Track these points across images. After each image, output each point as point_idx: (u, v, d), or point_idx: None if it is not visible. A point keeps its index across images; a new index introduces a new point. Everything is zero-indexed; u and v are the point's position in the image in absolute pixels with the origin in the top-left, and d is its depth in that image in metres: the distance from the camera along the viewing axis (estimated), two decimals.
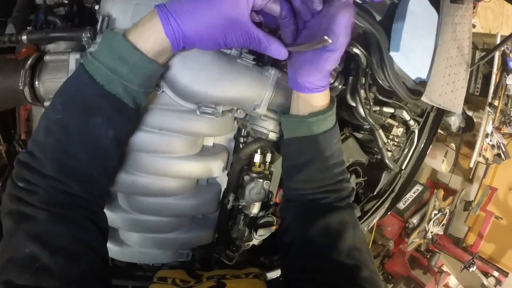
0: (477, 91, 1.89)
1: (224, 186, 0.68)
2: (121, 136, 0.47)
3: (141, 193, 0.59)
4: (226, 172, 0.67)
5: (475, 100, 1.98)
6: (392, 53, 0.60)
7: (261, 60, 0.55)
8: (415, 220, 1.88)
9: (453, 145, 2.21)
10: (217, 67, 0.49)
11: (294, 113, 0.52)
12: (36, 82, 0.52)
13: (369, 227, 1.02)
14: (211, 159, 0.60)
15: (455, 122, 1.88)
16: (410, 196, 1.95)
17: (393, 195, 0.94)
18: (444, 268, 2.26)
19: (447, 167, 2.18)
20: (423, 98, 0.68)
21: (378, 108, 0.70)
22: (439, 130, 2.13)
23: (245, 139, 0.64)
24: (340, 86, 0.60)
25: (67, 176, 0.43)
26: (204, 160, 0.59)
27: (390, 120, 0.75)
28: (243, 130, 0.64)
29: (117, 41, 0.41)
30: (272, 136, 0.58)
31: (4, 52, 0.57)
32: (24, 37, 0.52)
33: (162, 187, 0.58)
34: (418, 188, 2.01)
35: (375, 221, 1.04)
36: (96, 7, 0.52)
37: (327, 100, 0.50)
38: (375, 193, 0.88)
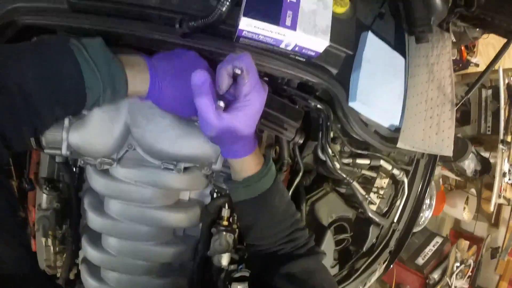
0: (488, 130, 1.79)
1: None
2: None
3: (119, 236, 0.62)
4: (200, 224, 0.67)
5: (488, 140, 1.87)
6: (350, 103, 0.60)
7: None
8: (436, 275, 1.66)
9: (473, 190, 2.04)
10: (176, 129, 0.54)
11: (232, 178, 0.54)
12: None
13: (367, 286, 0.91)
14: (184, 211, 0.63)
15: (469, 166, 1.76)
16: (430, 249, 1.76)
17: (387, 250, 0.86)
18: None
19: (470, 215, 1.97)
20: (399, 145, 0.65)
21: (350, 161, 0.68)
22: (456, 177, 1.99)
23: (218, 194, 0.65)
24: (300, 141, 0.61)
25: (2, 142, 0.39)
26: (177, 212, 0.62)
27: (367, 172, 0.72)
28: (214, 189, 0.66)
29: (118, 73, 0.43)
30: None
31: None
32: None
33: (138, 233, 0.62)
34: (437, 240, 1.81)
35: (373, 279, 0.94)
36: None
37: (258, 163, 0.52)
38: (364, 249, 0.81)
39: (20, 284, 0.37)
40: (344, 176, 0.65)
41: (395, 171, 0.76)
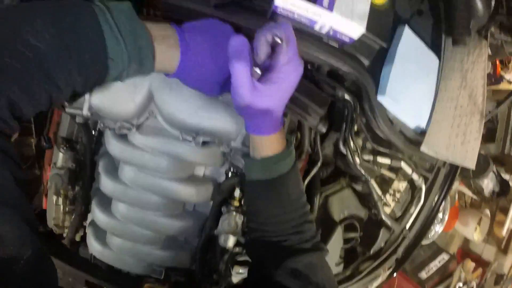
0: None
1: None
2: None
3: (128, 202, 0.62)
4: (211, 202, 0.66)
5: (511, 161, 1.79)
6: (379, 97, 0.57)
7: None
8: None
9: (487, 212, 1.96)
10: (198, 100, 0.53)
11: (250, 155, 0.51)
12: None
13: None
14: (196, 186, 0.62)
15: (488, 185, 1.68)
16: (435, 265, 1.70)
17: (394, 257, 0.83)
18: None
19: (480, 236, 1.90)
20: (422, 149, 0.62)
21: (371, 158, 0.65)
22: (472, 195, 1.92)
23: (233, 174, 0.63)
24: (323, 130, 0.58)
25: (9, 109, 0.34)
26: (190, 186, 0.62)
27: (386, 172, 0.69)
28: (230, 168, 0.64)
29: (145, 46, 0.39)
30: None
31: None
32: None
33: (147, 201, 0.62)
34: (444, 257, 1.75)
35: (375, 284, 0.91)
36: None
37: (280, 145, 0.49)
38: (371, 252, 0.78)
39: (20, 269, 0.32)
40: (363, 172, 0.63)
41: (414, 176, 0.73)
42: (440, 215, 1.69)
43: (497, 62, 2.08)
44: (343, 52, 0.56)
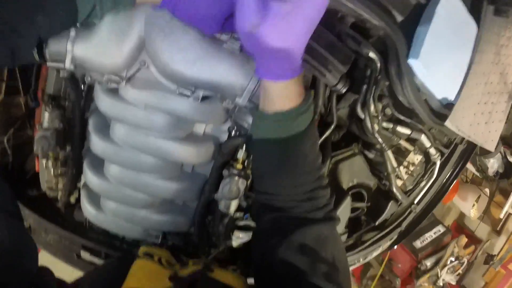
0: None
1: None
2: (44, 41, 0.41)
3: (121, 164, 0.57)
4: (211, 164, 0.60)
5: None
6: (410, 61, 0.49)
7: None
8: (428, 262, 1.65)
9: (487, 190, 1.95)
10: (196, 49, 0.44)
11: (260, 109, 0.43)
12: None
13: (366, 259, 0.88)
14: (195, 146, 0.56)
15: (493, 165, 1.65)
16: (430, 236, 1.73)
17: (398, 230, 0.81)
18: None
19: (477, 213, 1.91)
20: (447, 123, 0.56)
21: (391, 126, 0.59)
22: (475, 172, 1.90)
23: (237, 133, 0.56)
24: (343, 90, 0.51)
25: None
26: (188, 145, 0.55)
27: (404, 143, 0.63)
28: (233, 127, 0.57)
29: None
30: None
31: None
32: None
33: (142, 162, 0.56)
34: (439, 229, 1.77)
35: (374, 254, 0.90)
36: None
37: (298, 97, 0.41)
38: (376, 223, 0.75)
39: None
40: (380, 141, 0.57)
41: (432, 150, 0.67)
42: None
43: None
44: (375, 2, 0.47)
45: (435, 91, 0.54)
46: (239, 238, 0.66)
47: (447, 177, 0.81)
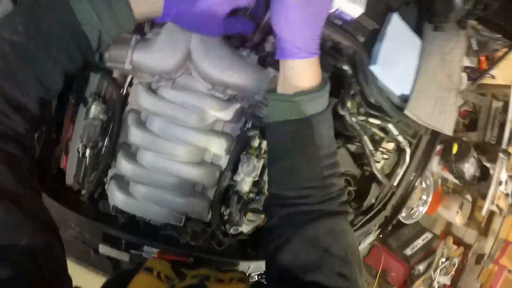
0: (493, 140, 2.02)
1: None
2: (71, 74, 0.49)
3: (156, 150, 0.78)
4: (227, 157, 0.83)
5: (492, 150, 2.10)
6: (372, 67, 0.78)
7: (264, 64, 0.75)
8: (421, 267, 1.88)
9: (469, 197, 2.28)
10: (229, 59, 0.70)
11: (279, 92, 0.51)
12: None
13: (360, 247, 1.11)
14: (217, 136, 0.79)
15: (469, 169, 1.98)
16: (419, 243, 1.98)
17: (383, 213, 1.05)
18: None
19: (462, 220, 2.21)
20: (406, 112, 0.84)
21: (364, 118, 0.87)
22: (455, 180, 2.23)
23: (250, 125, 0.81)
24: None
25: (7, 103, 0.41)
26: (210, 136, 0.78)
27: (377, 131, 0.91)
28: (248, 122, 0.83)
29: None
30: (266, 120, 0.75)
31: None
32: None
33: (174, 151, 0.78)
34: (427, 236, 2.04)
35: (367, 241, 1.13)
36: None
37: (315, 79, 0.47)
38: (364, 206, 1.00)
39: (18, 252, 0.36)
40: (357, 128, 0.83)
41: (400, 138, 0.95)
42: (424, 197, 1.98)
43: (483, 58, 2.42)
44: (345, 30, 0.77)
45: (394, 89, 0.82)
46: (250, 222, 0.87)
47: (418, 164, 1.08)
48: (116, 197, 0.86)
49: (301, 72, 0.48)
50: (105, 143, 0.86)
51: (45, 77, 0.44)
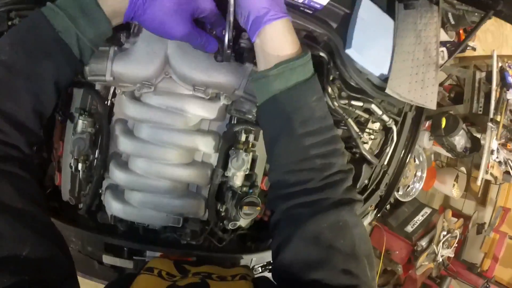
0: (480, 110, 2.04)
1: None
2: (62, 85, 0.51)
3: (147, 156, 0.79)
4: (217, 154, 0.84)
5: (480, 121, 2.13)
6: (347, 51, 0.79)
7: (241, 60, 0.75)
8: (423, 242, 1.91)
9: (463, 169, 2.31)
10: (206, 60, 0.71)
11: (260, 71, 0.50)
12: None
13: None
14: (204, 136, 0.80)
15: (459, 142, 2.00)
16: (418, 219, 2.01)
17: (378, 193, 1.07)
18: None
19: (459, 192, 2.24)
20: (387, 91, 0.85)
21: (346, 102, 0.88)
22: (447, 154, 2.26)
23: (235, 121, 0.81)
24: None
25: (6, 121, 0.44)
26: (198, 136, 0.79)
27: (361, 113, 0.92)
28: (233, 118, 0.84)
29: None
30: (248, 114, 0.76)
31: None
32: None
33: (165, 154, 0.79)
34: (426, 211, 2.07)
35: (365, 222, 1.15)
36: None
37: (293, 46, 0.47)
38: (357, 187, 1.01)
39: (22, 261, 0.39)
40: (341, 112, 0.84)
41: (385, 117, 0.96)
42: (418, 173, 2.00)
43: (461, 32, 2.44)
44: (316, 18, 0.78)
45: (372, 70, 0.84)
46: (247, 215, 0.87)
47: (406, 141, 1.09)
48: (113, 207, 0.87)
49: (277, 37, 0.48)
50: (96, 155, 0.86)
51: (38, 89, 0.47)
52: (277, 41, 0.47)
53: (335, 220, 0.46)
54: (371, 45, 0.82)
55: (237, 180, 0.82)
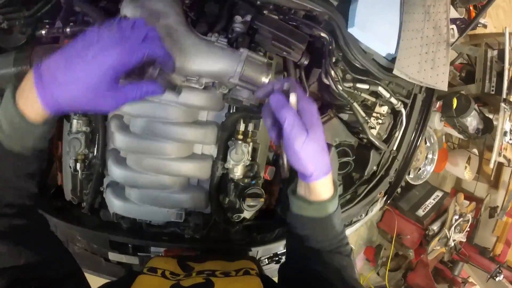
0: (492, 90, 1.93)
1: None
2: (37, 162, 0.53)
3: (143, 151, 0.75)
4: (216, 146, 0.80)
5: (492, 101, 2.01)
6: (350, 29, 0.72)
7: (236, 46, 0.70)
8: (435, 227, 1.84)
9: (475, 150, 2.20)
10: (196, 48, 0.66)
11: (301, 194, 0.60)
12: None
13: (368, 215, 1.07)
14: (201, 127, 0.76)
15: (471, 123, 1.90)
16: (430, 202, 1.94)
17: (387, 179, 1.00)
18: (470, 279, 2.13)
19: (471, 174, 2.15)
20: (395, 72, 0.78)
21: (351, 85, 0.81)
22: (459, 135, 2.16)
23: (234, 109, 0.76)
24: (305, 62, 0.73)
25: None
26: (195, 127, 0.75)
27: (368, 96, 0.85)
28: (232, 107, 0.78)
29: (7, 101, 0.46)
30: (246, 102, 0.70)
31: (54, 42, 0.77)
32: (67, 30, 0.73)
33: (160, 147, 0.74)
34: (438, 194, 1.99)
35: (375, 209, 1.09)
36: None
37: (331, 189, 0.59)
38: (365, 174, 0.95)
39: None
40: (346, 96, 0.78)
41: (393, 100, 0.89)
42: (430, 155, 1.92)
43: (471, 8, 2.29)
44: None
45: (378, 49, 0.76)
46: (250, 207, 0.83)
47: (417, 124, 1.02)
48: (114, 204, 0.84)
49: (324, 188, 0.59)
50: (94, 153, 0.82)
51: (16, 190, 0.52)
52: (322, 188, 0.59)
53: (338, 264, 0.62)
54: (376, 23, 0.74)
55: (238, 171, 0.77)
